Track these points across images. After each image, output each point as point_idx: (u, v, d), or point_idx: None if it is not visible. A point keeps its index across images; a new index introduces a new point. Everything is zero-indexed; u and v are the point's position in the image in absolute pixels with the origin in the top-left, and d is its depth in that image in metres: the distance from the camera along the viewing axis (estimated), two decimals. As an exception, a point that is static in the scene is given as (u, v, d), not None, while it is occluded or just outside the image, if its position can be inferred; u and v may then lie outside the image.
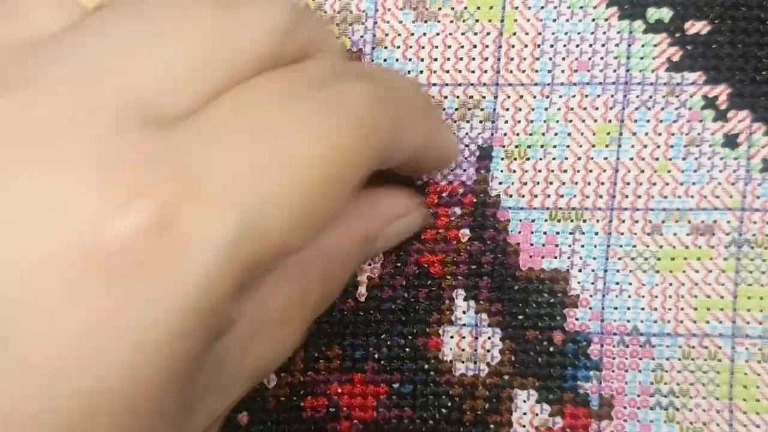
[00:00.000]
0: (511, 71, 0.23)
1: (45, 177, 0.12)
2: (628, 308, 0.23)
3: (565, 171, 0.23)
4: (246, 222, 0.13)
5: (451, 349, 0.23)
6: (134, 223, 0.12)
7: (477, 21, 0.23)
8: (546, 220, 0.23)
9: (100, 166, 0.12)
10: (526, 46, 0.23)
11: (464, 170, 0.23)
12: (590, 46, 0.23)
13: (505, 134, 0.23)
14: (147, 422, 0.13)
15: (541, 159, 0.23)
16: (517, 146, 0.23)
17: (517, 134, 0.23)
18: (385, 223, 0.21)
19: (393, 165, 0.18)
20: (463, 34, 0.23)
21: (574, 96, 0.23)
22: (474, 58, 0.23)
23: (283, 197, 0.14)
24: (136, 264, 0.12)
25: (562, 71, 0.23)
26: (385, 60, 0.23)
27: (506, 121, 0.23)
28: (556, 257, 0.23)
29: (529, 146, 0.23)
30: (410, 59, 0.23)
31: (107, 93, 0.13)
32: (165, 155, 0.13)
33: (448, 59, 0.23)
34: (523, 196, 0.23)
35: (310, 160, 0.14)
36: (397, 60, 0.23)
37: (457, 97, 0.23)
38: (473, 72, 0.23)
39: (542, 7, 0.23)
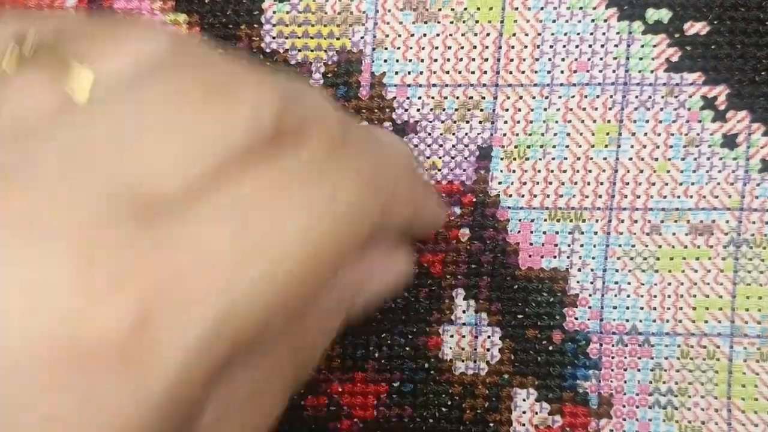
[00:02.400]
0: (510, 72, 0.23)
1: (24, 264, 0.12)
2: (627, 308, 0.23)
3: (565, 171, 0.23)
4: (222, 319, 0.13)
5: (451, 348, 0.23)
6: (111, 320, 0.12)
7: (477, 22, 0.23)
8: (545, 220, 0.23)
9: (82, 258, 0.12)
10: (525, 46, 0.23)
11: (464, 170, 0.23)
12: (590, 46, 0.23)
13: (505, 134, 0.23)
14: None
15: (540, 159, 0.23)
16: (516, 146, 0.23)
17: (517, 134, 0.23)
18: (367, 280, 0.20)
19: (384, 239, 0.18)
20: (463, 35, 0.23)
21: (573, 96, 0.23)
22: (474, 59, 0.23)
23: (263, 290, 0.14)
24: (107, 359, 0.12)
25: (562, 72, 0.23)
26: (385, 61, 0.23)
27: (506, 122, 0.23)
28: (555, 257, 0.23)
29: (528, 146, 0.23)
30: (410, 60, 0.23)
31: (96, 182, 0.13)
32: (148, 251, 0.13)
33: (448, 60, 0.23)
34: (523, 195, 0.23)
35: (297, 251, 0.14)
36: (397, 61, 0.23)
37: (457, 97, 0.23)
38: (473, 73, 0.23)
39: (542, 8, 0.23)
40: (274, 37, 0.23)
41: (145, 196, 0.13)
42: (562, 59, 0.23)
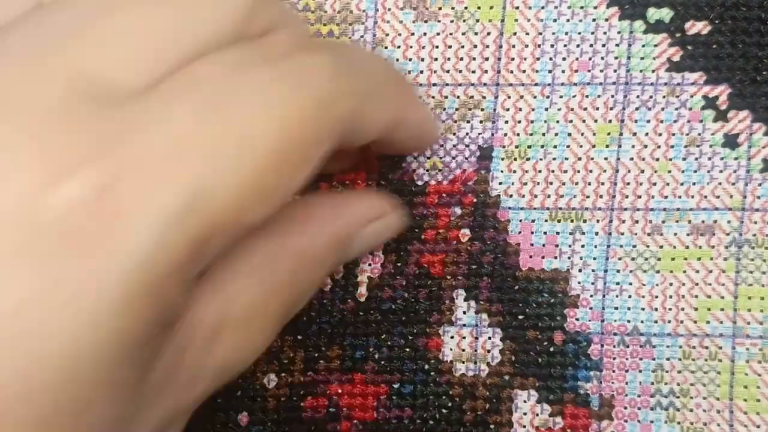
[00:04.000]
0: (511, 71, 0.23)
1: None
2: (629, 308, 0.23)
3: (566, 171, 0.23)
4: (190, 196, 0.13)
5: (451, 349, 0.23)
6: (72, 194, 0.12)
7: (477, 21, 0.23)
8: (546, 221, 0.23)
9: (43, 137, 0.13)
10: (526, 46, 0.23)
11: (464, 170, 0.23)
12: (591, 46, 0.23)
13: (506, 134, 0.23)
14: (88, 395, 0.13)
15: (541, 159, 0.23)
16: (517, 146, 0.23)
17: (518, 134, 0.23)
18: (359, 225, 0.20)
19: (362, 142, 0.18)
20: (463, 34, 0.23)
21: (574, 96, 0.23)
22: (474, 58, 0.23)
23: (233, 171, 0.13)
24: (74, 235, 0.12)
25: (563, 71, 0.23)
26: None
27: (506, 121, 0.23)
28: (556, 257, 0.23)
29: (529, 146, 0.23)
30: (410, 59, 0.23)
31: (58, 68, 0.13)
32: (109, 131, 0.13)
33: (449, 59, 0.23)
34: (524, 196, 0.23)
35: (263, 132, 0.14)
36: (397, 60, 0.23)
37: (458, 97, 0.23)
38: (474, 72, 0.23)
39: (543, 7, 0.23)
40: (273, 36, 0.23)
41: (106, 84, 0.13)
42: (563, 58, 0.23)
